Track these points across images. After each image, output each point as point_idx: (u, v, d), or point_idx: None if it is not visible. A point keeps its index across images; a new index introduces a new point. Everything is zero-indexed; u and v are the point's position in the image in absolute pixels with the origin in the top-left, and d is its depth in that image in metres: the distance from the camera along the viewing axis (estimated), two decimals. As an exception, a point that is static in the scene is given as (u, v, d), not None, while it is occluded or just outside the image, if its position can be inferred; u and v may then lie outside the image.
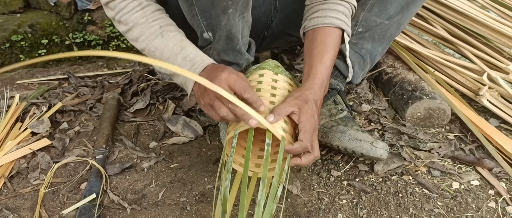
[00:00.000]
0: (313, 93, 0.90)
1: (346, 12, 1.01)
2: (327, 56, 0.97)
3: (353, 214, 0.97)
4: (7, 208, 1.02)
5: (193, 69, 0.90)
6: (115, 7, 0.98)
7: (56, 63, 2.03)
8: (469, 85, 1.40)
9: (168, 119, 1.31)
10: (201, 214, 0.98)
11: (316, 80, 0.93)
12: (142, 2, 0.97)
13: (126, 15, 0.97)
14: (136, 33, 0.97)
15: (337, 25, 0.99)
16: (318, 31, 1.00)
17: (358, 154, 1.04)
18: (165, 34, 0.96)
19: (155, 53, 0.96)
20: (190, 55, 0.93)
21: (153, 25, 0.96)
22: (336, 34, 1.00)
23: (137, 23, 0.97)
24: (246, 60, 1.09)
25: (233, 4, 0.93)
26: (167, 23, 0.98)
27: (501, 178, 1.07)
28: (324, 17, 0.99)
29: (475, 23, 1.45)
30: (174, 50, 0.94)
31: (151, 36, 0.96)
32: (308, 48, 1.00)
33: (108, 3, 0.99)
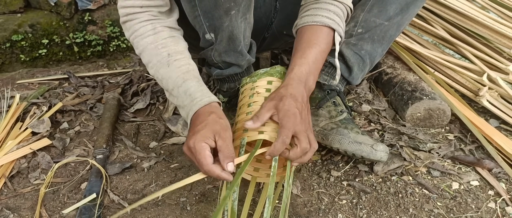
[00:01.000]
0: (290, 89, 0.90)
1: (339, 12, 1.00)
2: (310, 51, 0.96)
3: (353, 214, 0.97)
4: (8, 207, 1.02)
5: (191, 106, 0.90)
6: (129, 28, 0.98)
7: (57, 63, 2.04)
8: (469, 85, 1.40)
9: (168, 119, 1.32)
10: (201, 214, 0.98)
11: (293, 75, 0.93)
12: (156, 27, 0.96)
13: (137, 38, 0.96)
14: (146, 58, 0.97)
15: (326, 24, 0.98)
16: (306, 29, 1.00)
17: (358, 157, 1.04)
18: (171, 64, 0.95)
19: (162, 82, 0.96)
20: (190, 90, 0.92)
21: (161, 52, 0.95)
22: (324, 31, 0.99)
23: (147, 48, 0.96)
24: (247, 61, 1.09)
25: (236, 5, 0.93)
26: (176, 51, 0.96)
27: (501, 178, 1.07)
28: (314, 15, 0.99)
29: (475, 23, 1.46)
30: (176, 82, 0.93)
31: (158, 64, 0.95)
32: (294, 46, 1.01)
33: (124, 23, 0.98)
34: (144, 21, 0.96)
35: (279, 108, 0.87)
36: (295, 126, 0.86)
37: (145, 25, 0.96)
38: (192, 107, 0.90)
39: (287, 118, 0.86)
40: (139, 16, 0.96)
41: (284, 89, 0.91)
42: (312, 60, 0.96)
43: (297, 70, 0.94)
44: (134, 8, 0.95)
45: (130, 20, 0.97)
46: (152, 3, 0.95)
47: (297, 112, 0.87)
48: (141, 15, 0.96)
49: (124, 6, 0.96)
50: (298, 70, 0.94)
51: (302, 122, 0.87)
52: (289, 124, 0.85)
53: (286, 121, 0.85)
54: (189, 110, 0.90)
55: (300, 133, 0.86)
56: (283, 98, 0.88)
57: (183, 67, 0.95)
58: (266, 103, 0.90)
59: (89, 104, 1.45)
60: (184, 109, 0.93)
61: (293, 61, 0.96)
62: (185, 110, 0.93)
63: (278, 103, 0.88)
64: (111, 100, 1.40)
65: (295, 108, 0.87)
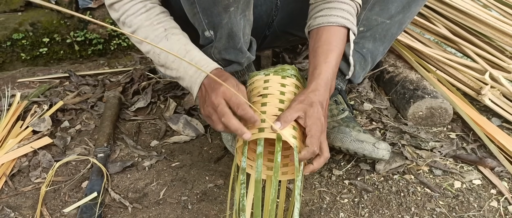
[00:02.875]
0: (318, 95, 0.90)
1: (351, 10, 1.01)
2: (332, 55, 0.96)
3: (354, 213, 0.97)
4: (9, 206, 1.02)
5: (197, 73, 0.91)
6: (119, 9, 0.98)
7: (57, 61, 2.04)
8: (471, 84, 1.39)
9: (169, 118, 1.31)
10: (202, 213, 0.98)
11: (320, 81, 0.93)
12: (147, 4, 0.97)
13: (130, 17, 0.97)
14: (141, 35, 0.97)
15: (342, 24, 0.99)
16: (323, 30, 0.99)
17: (360, 155, 1.04)
18: (170, 37, 0.96)
19: (160, 56, 0.96)
20: (195, 59, 0.93)
21: (157, 27, 0.96)
22: (341, 33, 0.99)
23: (142, 25, 0.97)
24: (247, 58, 1.09)
25: (235, 2, 0.92)
26: (171, 26, 0.98)
27: (503, 177, 1.06)
28: (329, 16, 0.99)
29: (477, 22, 1.45)
30: (179, 53, 0.94)
31: (156, 39, 0.96)
32: (312, 48, 1.00)
33: (112, 4, 0.99)
34: None
35: (309, 114, 0.86)
36: (321, 134, 0.86)
37: (135, 3, 0.97)
38: (200, 74, 0.91)
39: (316, 126, 0.85)
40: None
41: (313, 95, 0.89)
42: (335, 64, 0.97)
43: (324, 75, 0.93)
44: None
45: (118, 1, 0.97)
46: None
47: (323, 121, 0.87)
48: None
49: None
50: (325, 75, 0.94)
51: (324, 130, 0.88)
52: (318, 133, 0.85)
53: (315, 130, 0.84)
54: (196, 78, 0.92)
55: (324, 142, 0.87)
56: (313, 105, 0.87)
57: (182, 40, 0.96)
58: (295, 105, 0.87)
59: (90, 102, 1.44)
60: (187, 79, 0.94)
61: (318, 63, 0.95)
62: (188, 79, 0.93)
63: (309, 108, 0.86)
64: (112, 99, 1.39)
65: (322, 116, 0.87)
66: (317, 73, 0.94)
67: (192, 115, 1.35)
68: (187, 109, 1.37)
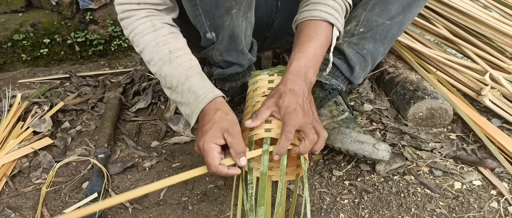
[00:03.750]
0: (289, 84, 0.90)
1: (338, 7, 1.00)
2: (309, 44, 0.96)
3: (354, 214, 0.97)
4: (9, 207, 1.02)
5: (196, 103, 0.90)
6: (128, 26, 0.97)
7: (58, 62, 2.04)
8: (471, 85, 1.39)
9: (170, 119, 1.31)
10: (202, 214, 0.98)
11: (291, 70, 0.93)
12: (155, 24, 0.95)
13: (137, 36, 0.96)
14: (147, 56, 0.97)
15: (325, 19, 0.98)
16: (305, 24, 0.99)
17: (360, 156, 1.04)
18: (173, 60, 0.94)
19: (166, 79, 0.95)
20: (194, 87, 0.92)
21: (163, 49, 0.94)
22: (323, 26, 0.98)
23: (148, 46, 0.95)
24: (249, 60, 1.09)
25: (237, 4, 0.93)
26: (177, 47, 0.96)
27: (503, 178, 1.06)
28: (312, 10, 0.99)
29: (477, 23, 1.45)
30: (180, 80, 0.93)
31: (160, 62, 0.95)
32: (294, 42, 1.01)
33: (121, 20, 0.98)
34: (142, 18, 0.95)
35: (280, 105, 0.87)
36: (298, 120, 0.85)
37: (144, 22, 0.95)
38: (198, 105, 0.90)
39: (288, 114, 0.85)
40: (136, 13, 0.95)
41: (282, 85, 0.90)
42: (311, 53, 0.96)
43: (295, 64, 0.94)
44: (131, 4, 0.95)
45: (127, 17, 0.96)
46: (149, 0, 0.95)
47: (298, 107, 0.87)
48: (139, 12, 0.95)
49: (120, 3, 0.95)
50: (296, 64, 0.94)
51: (305, 115, 0.87)
52: (291, 120, 0.85)
53: (288, 118, 0.85)
54: (194, 108, 0.91)
55: (305, 126, 0.86)
56: (282, 95, 0.88)
57: (185, 64, 0.94)
58: (265, 101, 0.90)
59: (91, 103, 1.45)
60: (189, 107, 0.93)
61: (292, 56, 0.96)
62: (189, 107, 0.92)
63: (278, 100, 0.88)
64: (113, 100, 1.40)
65: (295, 103, 0.87)
66: (288, 65, 0.95)
67: (192, 116, 1.35)
68: (188, 110, 1.37)
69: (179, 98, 0.95)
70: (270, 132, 0.87)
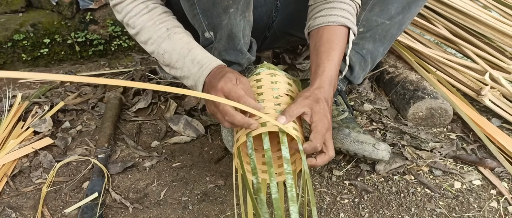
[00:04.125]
0: (323, 92, 0.90)
1: (351, 10, 1.01)
2: (334, 53, 0.96)
3: (354, 213, 0.97)
4: (10, 207, 1.02)
5: (200, 72, 0.92)
6: (122, 10, 0.99)
7: (58, 62, 2.04)
8: (471, 84, 1.39)
9: (170, 119, 1.32)
10: (203, 213, 0.98)
11: (324, 78, 0.92)
12: (149, 5, 0.98)
13: (133, 18, 0.98)
14: (144, 36, 0.98)
15: (343, 23, 0.99)
16: (324, 29, 0.99)
17: (360, 156, 1.04)
18: (172, 37, 0.96)
19: (164, 56, 0.97)
20: (198, 57, 0.93)
21: (160, 27, 0.97)
22: (342, 32, 1.00)
23: (145, 26, 0.97)
24: (247, 59, 1.09)
25: (235, 3, 0.93)
26: (174, 25, 0.98)
27: (503, 178, 1.07)
28: (329, 16, 0.99)
29: (477, 22, 1.45)
30: (181, 53, 0.95)
31: (159, 39, 0.96)
32: (314, 47, 1.00)
33: (115, 5, 0.99)
34: (135, 0, 0.97)
35: (315, 110, 0.85)
36: (326, 131, 0.85)
37: (137, 4, 0.97)
38: (202, 72, 0.91)
39: (322, 122, 0.84)
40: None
41: (319, 91, 0.89)
42: (337, 62, 0.97)
43: (328, 73, 0.93)
44: None
45: (120, 2, 0.98)
46: None
47: (329, 118, 0.87)
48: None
49: None
50: (328, 73, 0.94)
51: (329, 128, 0.87)
52: (323, 129, 0.84)
53: (321, 126, 0.84)
54: (199, 76, 0.92)
55: (328, 140, 0.86)
56: (319, 101, 0.87)
57: (184, 39, 0.96)
58: (300, 100, 0.87)
59: (91, 103, 1.45)
60: (191, 78, 0.94)
61: (321, 62, 0.95)
62: (192, 78, 0.94)
63: (314, 104, 0.86)
64: (113, 100, 1.40)
65: (328, 113, 0.87)
66: (320, 71, 0.94)
67: (192, 115, 1.35)
68: (188, 109, 1.37)
69: (179, 72, 0.96)
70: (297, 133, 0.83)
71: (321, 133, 0.83)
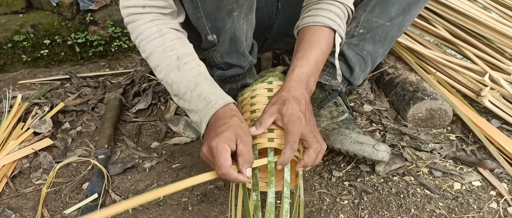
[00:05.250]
0: (292, 91, 0.89)
1: (340, 13, 0.99)
2: (311, 52, 0.95)
3: (354, 214, 0.97)
4: (10, 208, 1.02)
5: (206, 109, 0.87)
6: (133, 31, 0.94)
7: (58, 63, 2.04)
8: (470, 86, 1.40)
9: (170, 120, 1.32)
10: (202, 214, 0.98)
11: (294, 76, 0.92)
12: (162, 29, 0.93)
13: (144, 41, 0.93)
14: (154, 62, 0.94)
15: (327, 24, 0.97)
16: (307, 29, 0.98)
17: (360, 157, 1.04)
18: (181, 67, 0.91)
19: (173, 86, 0.93)
20: (204, 93, 0.89)
21: (170, 55, 0.92)
22: (325, 32, 0.97)
23: (154, 52, 0.93)
24: (249, 62, 1.09)
25: (238, 7, 0.93)
26: (185, 53, 0.94)
27: (503, 179, 1.07)
28: (314, 16, 0.98)
29: (476, 24, 1.45)
30: (189, 86, 0.90)
31: (167, 68, 0.92)
32: (295, 47, 1.00)
33: (128, 24, 0.95)
34: (148, 22, 0.93)
35: (283, 112, 0.86)
36: (301, 129, 0.84)
37: (150, 27, 0.92)
38: (208, 111, 0.87)
39: (292, 122, 0.84)
40: (142, 17, 0.93)
41: (286, 92, 0.89)
42: (313, 61, 0.95)
43: (297, 71, 0.93)
44: (137, 8, 0.92)
45: (133, 21, 0.94)
46: (155, 3, 0.92)
47: (301, 115, 0.86)
48: (144, 16, 0.93)
49: (126, 6, 0.93)
50: (299, 71, 0.93)
51: (307, 124, 0.86)
52: (295, 129, 0.84)
53: (292, 126, 0.84)
54: (204, 114, 0.88)
55: (308, 135, 0.85)
56: (286, 102, 0.86)
57: (194, 70, 0.92)
58: (268, 108, 0.88)
59: (91, 104, 1.45)
60: (198, 114, 0.90)
61: (294, 62, 0.95)
62: (198, 114, 0.90)
63: (282, 107, 0.86)
64: (113, 101, 1.40)
65: (299, 111, 0.86)
66: (290, 71, 0.94)
67: (192, 116, 1.35)
68: (188, 110, 1.37)
69: (187, 105, 0.92)
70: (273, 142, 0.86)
71: (293, 133, 0.83)
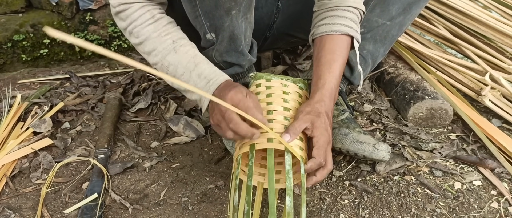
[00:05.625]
0: (323, 105, 0.89)
1: (355, 18, 0.99)
2: (336, 65, 0.95)
3: (355, 214, 0.97)
4: (9, 207, 1.02)
5: (207, 87, 0.89)
6: (126, 18, 0.95)
7: (58, 62, 2.04)
8: (471, 85, 1.39)
9: (170, 119, 1.31)
10: (202, 214, 0.98)
11: (325, 91, 0.92)
12: (155, 15, 0.95)
13: (138, 27, 0.94)
14: (149, 47, 0.95)
15: (346, 33, 0.97)
16: (326, 38, 0.98)
17: (360, 156, 1.04)
18: (178, 49, 0.94)
19: (169, 69, 0.94)
20: (205, 72, 0.92)
21: (166, 39, 0.94)
22: (345, 41, 0.98)
23: (150, 37, 0.94)
24: (249, 61, 1.09)
25: (237, 5, 0.92)
26: (179, 37, 0.96)
27: (503, 178, 1.06)
28: (332, 24, 0.98)
29: (477, 23, 1.45)
30: (188, 67, 0.92)
31: (164, 51, 0.94)
32: (316, 57, 0.99)
33: (118, 13, 0.95)
34: (140, 8, 0.94)
35: (316, 125, 0.85)
36: (327, 145, 0.85)
37: (143, 12, 0.94)
38: (209, 88, 0.90)
39: (323, 137, 0.85)
40: (132, 4, 0.94)
41: (319, 105, 0.89)
42: (339, 73, 0.96)
43: (328, 86, 0.93)
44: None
45: (124, 10, 0.94)
46: None
47: (330, 131, 0.87)
48: (134, 4, 0.94)
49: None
50: (329, 86, 0.93)
51: (330, 141, 0.87)
52: (325, 144, 0.84)
53: (322, 141, 0.84)
54: (206, 90, 0.90)
55: (328, 154, 0.86)
56: (320, 115, 0.86)
57: (190, 52, 0.94)
58: (302, 116, 0.87)
59: (91, 104, 1.45)
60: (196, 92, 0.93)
61: (322, 74, 0.94)
62: None
63: (316, 119, 0.86)
64: (113, 100, 1.40)
65: (328, 127, 0.87)
66: (321, 83, 0.93)
67: (192, 116, 1.35)
68: (188, 110, 1.37)
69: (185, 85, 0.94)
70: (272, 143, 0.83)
71: (323, 148, 0.84)
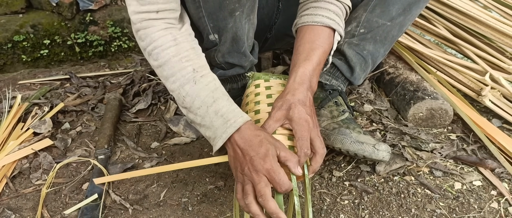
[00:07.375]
0: (297, 94, 0.88)
1: (338, 11, 0.98)
2: (313, 53, 0.94)
3: (355, 214, 0.97)
4: (9, 208, 1.02)
5: (225, 127, 0.83)
6: (145, 38, 0.89)
7: (58, 63, 2.04)
8: (471, 85, 1.39)
9: (170, 120, 1.31)
10: (202, 215, 0.98)
11: (297, 79, 0.91)
12: (177, 38, 0.89)
13: (158, 49, 0.88)
14: (167, 72, 0.89)
15: (327, 24, 0.96)
16: (307, 29, 0.97)
17: (360, 157, 1.04)
18: (198, 80, 0.87)
19: (185, 99, 0.88)
20: (222, 110, 0.85)
21: (186, 66, 0.88)
22: (325, 32, 0.97)
23: (169, 61, 0.88)
24: (250, 62, 1.09)
25: (240, 6, 0.92)
26: (200, 65, 0.90)
27: (504, 178, 1.06)
28: (314, 15, 0.97)
29: (477, 23, 1.45)
30: (206, 101, 0.86)
31: (182, 79, 0.88)
32: (295, 46, 0.99)
33: (139, 30, 0.89)
34: (163, 29, 0.88)
35: (290, 117, 0.85)
36: (310, 133, 0.85)
37: (165, 34, 0.88)
38: (226, 130, 0.83)
39: (302, 127, 0.84)
40: (156, 23, 0.88)
41: (290, 96, 0.88)
42: (316, 62, 0.94)
43: (301, 72, 0.91)
44: (150, 13, 0.87)
45: (146, 27, 0.88)
46: (168, 6, 0.88)
47: (309, 119, 0.85)
48: (158, 22, 0.88)
49: (138, 12, 0.87)
50: (302, 72, 0.91)
51: (314, 126, 0.87)
52: (305, 133, 0.84)
53: (302, 131, 0.84)
54: (222, 133, 0.84)
55: (315, 140, 0.86)
56: (292, 106, 0.86)
57: (210, 85, 0.88)
58: (274, 113, 0.86)
59: (91, 104, 1.45)
60: (212, 130, 0.86)
61: (296, 62, 0.94)
62: (213, 130, 0.86)
63: (288, 112, 0.85)
64: (113, 101, 1.40)
65: (305, 114, 0.85)
66: (294, 72, 0.92)
67: (192, 116, 1.35)
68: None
69: (199, 119, 0.88)
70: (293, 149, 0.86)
71: (304, 138, 0.84)
